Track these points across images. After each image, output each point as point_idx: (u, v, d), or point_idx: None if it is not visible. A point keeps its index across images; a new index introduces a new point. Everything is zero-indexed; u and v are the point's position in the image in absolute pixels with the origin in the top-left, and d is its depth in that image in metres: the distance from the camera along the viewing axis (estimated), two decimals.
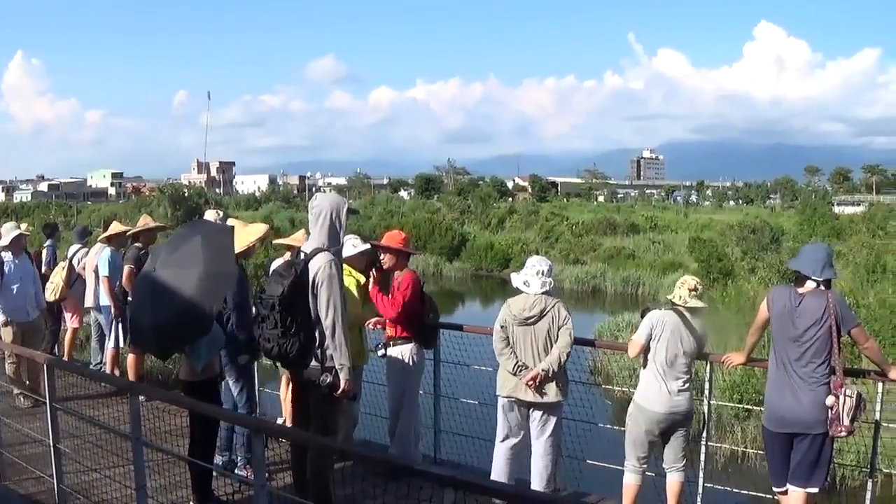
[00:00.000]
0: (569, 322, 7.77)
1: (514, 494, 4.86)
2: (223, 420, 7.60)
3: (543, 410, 7.89)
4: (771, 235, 47.89)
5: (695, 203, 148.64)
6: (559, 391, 7.81)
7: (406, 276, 8.64)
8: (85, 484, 7.63)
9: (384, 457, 7.69)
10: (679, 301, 7.60)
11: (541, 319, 7.76)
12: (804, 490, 6.84)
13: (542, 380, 7.72)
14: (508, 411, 8.01)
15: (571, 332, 7.76)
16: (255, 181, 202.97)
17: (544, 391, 7.77)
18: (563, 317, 7.76)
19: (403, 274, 8.66)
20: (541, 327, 7.76)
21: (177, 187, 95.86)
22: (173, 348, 7.19)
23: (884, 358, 7.19)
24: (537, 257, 8.18)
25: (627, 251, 52.40)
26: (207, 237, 6.86)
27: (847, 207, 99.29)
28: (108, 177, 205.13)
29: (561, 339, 7.73)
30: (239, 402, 8.47)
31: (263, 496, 5.35)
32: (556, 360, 7.67)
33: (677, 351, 7.52)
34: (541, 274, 7.85)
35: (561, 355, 7.69)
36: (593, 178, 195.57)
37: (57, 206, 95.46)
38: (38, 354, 8.43)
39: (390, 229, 9.51)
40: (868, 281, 26.29)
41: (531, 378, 7.72)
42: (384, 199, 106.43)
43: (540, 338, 7.77)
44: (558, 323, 7.75)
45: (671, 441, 7.71)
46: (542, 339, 7.76)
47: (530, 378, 7.72)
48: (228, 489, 7.77)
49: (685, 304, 7.57)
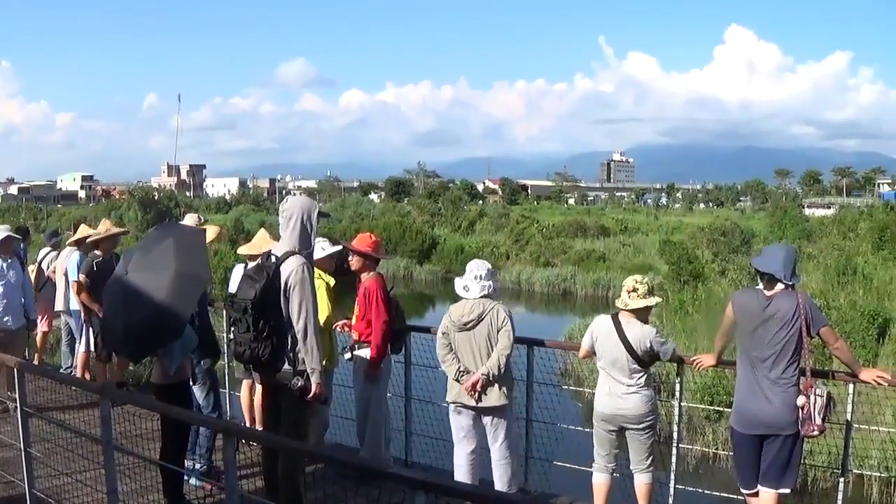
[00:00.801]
0: (507, 324, 7.78)
1: (485, 497, 4.87)
2: (193, 423, 7.57)
3: (491, 415, 7.92)
4: (741, 238, 48.15)
5: (665, 206, 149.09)
6: (502, 395, 7.83)
7: (371, 283, 8.65)
8: (56, 488, 7.62)
9: (355, 460, 7.70)
10: (620, 304, 7.63)
11: (479, 324, 7.79)
12: (776, 491, 6.85)
13: (484, 384, 7.76)
14: (457, 416, 8.07)
15: (510, 335, 7.78)
16: (226, 184, 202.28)
17: (487, 395, 7.80)
18: (501, 319, 7.77)
19: (370, 279, 8.67)
20: (480, 332, 7.80)
21: (147, 190, 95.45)
22: (146, 351, 7.19)
23: (854, 359, 7.22)
24: (476, 261, 8.21)
25: (598, 253, 52.52)
26: (179, 240, 6.87)
27: (817, 210, 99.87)
28: (78, 180, 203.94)
29: (500, 343, 7.75)
30: (206, 405, 8.47)
31: (235, 499, 5.35)
32: (496, 364, 7.70)
33: (617, 354, 7.52)
34: (479, 278, 7.89)
35: (500, 359, 7.70)
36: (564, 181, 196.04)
37: (27, 210, 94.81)
38: (9, 358, 8.39)
39: (361, 232, 9.51)
40: (838, 283, 26.40)
41: (471, 384, 7.78)
42: (354, 202, 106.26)
43: (480, 342, 7.80)
44: (497, 326, 7.77)
45: (629, 442, 7.72)
46: (483, 344, 7.79)
47: (470, 384, 7.78)
48: (199, 493, 7.76)
49: (626, 307, 7.60)
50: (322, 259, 8.42)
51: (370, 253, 8.74)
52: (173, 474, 7.11)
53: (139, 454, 7.53)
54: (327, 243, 8.76)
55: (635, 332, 7.51)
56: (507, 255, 53.88)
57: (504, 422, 7.94)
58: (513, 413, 8.13)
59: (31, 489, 7.26)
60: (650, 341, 7.47)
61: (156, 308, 6.50)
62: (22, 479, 7.34)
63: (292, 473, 6.75)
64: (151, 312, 6.52)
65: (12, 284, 11.05)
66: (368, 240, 8.84)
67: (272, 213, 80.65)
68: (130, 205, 79.17)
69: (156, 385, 7.34)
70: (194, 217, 10.30)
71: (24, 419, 7.21)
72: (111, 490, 6.38)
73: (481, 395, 7.78)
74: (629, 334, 7.49)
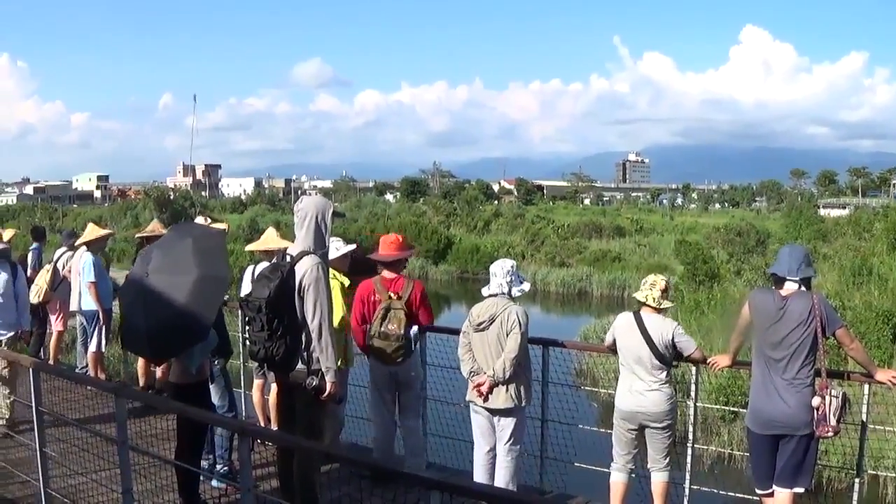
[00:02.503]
0: (517, 327, 7.69)
1: (499, 497, 4.86)
2: (209, 423, 7.56)
3: (500, 416, 7.88)
4: (756, 238, 48.04)
5: (680, 206, 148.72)
6: (509, 397, 7.76)
7: (416, 286, 8.71)
8: (71, 488, 7.62)
9: (371, 460, 7.69)
10: (653, 303, 7.63)
11: (491, 325, 7.77)
12: (791, 491, 6.84)
13: (491, 386, 7.74)
14: (475, 416, 8.06)
15: (518, 338, 7.68)
16: (241, 184, 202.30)
17: (494, 397, 7.78)
18: (511, 322, 7.70)
19: (413, 284, 8.71)
20: (491, 333, 7.77)
21: (162, 190, 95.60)
22: (171, 353, 7.18)
23: (869, 359, 7.20)
24: (499, 261, 8.18)
25: (613, 254, 52.64)
26: (199, 241, 6.85)
27: (833, 210, 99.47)
28: (93, 180, 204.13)
29: (507, 345, 7.68)
30: (222, 405, 8.48)
31: (249, 499, 5.34)
32: (501, 368, 7.64)
33: (639, 350, 7.56)
34: (495, 276, 7.88)
35: (506, 362, 7.63)
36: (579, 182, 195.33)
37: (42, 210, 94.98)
38: (24, 358, 8.39)
39: (376, 233, 9.51)
40: (854, 283, 26.30)
41: (477, 385, 7.79)
42: (370, 203, 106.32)
43: (492, 344, 7.77)
44: (507, 328, 7.71)
45: (648, 440, 7.73)
46: (494, 345, 7.75)
47: (476, 386, 7.80)
48: (215, 493, 7.76)
49: (659, 306, 7.62)
50: (336, 259, 8.41)
51: (405, 254, 8.81)
52: (189, 474, 7.11)
53: (155, 454, 7.53)
54: (341, 243, 8.74)
55: (657, 327, 7.55)
56: (523, 255, 53.76)
57: (511, 424, 7.88)
58: (524, 415, 8.08)
59: (45, 488, 7.27)
60: (672, 334, 7.51)
61: (180, 311, 6.50)
62: (37, 479, 7.35)
63: (308, 473, 6.75)
64: (175, 315, 6.52)
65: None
66: (395, 240, 8.85)
67: (287, 213, 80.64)
68: (146, 205, 79.38)
69: (176, 385, 7.35)
70: (202, 220, 10.32)
71: (38, 419, 7.21)
72: (126, 490, 6.39)
73: (488, 397, 7.77)
74: (651, 329, 7.52)
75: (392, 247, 8.72)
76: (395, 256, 8.68)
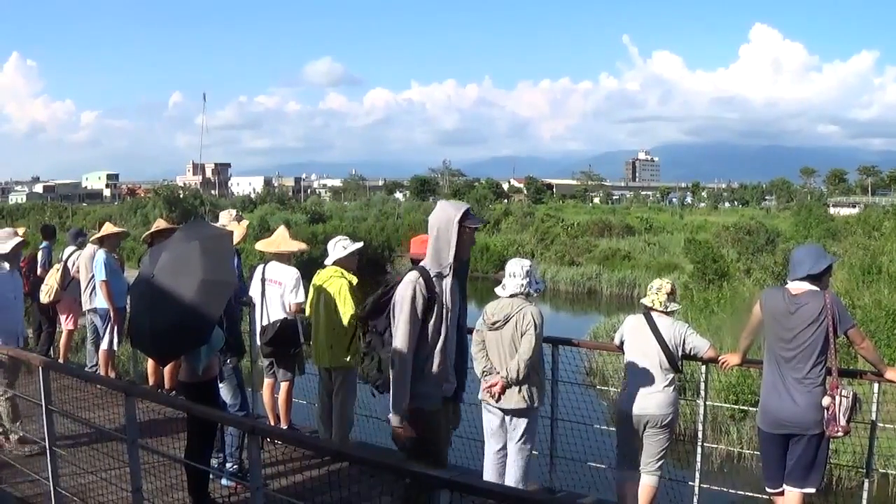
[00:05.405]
0: (531, 329, 7.54)
1: (508, 495, 4.85)
2: (219, 422, 7.56)
3: (512, 416, 7.81)
4: (766, 237, 47.97)
5: (690, 205, 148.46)
6: (521, 398, 7.66)
7: None
8: (81, 486, 7.64)
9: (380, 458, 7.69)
10: (660, 307, 7.66)
11: (506, 325, 7.67)
12: (801, 490, 6.83)
13: (504, 386, 7.65)
14: (486, 414, 8.00)
15: (532, 339, 7.53)
16: (251, 183, 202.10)
17: (506, 397, 7.70)
18: (526, 323, 7.56)
19: None
20: (506, 333, 7.66)
21: (172, 189, 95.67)
22: (172, 354, 7.17)
23: (880, 358, 7.20)
24: (514, 259, 8.08)
25: (623, 252, 52.58)
26: (205, 243, 6.80)
27: (842, 209, 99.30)
28: (103, 178, 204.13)
29: (521, 347, 7.56)
30: (233, 404, 8.46)
31: (259, 498, 5.34)
32: (515, 369, 7.53)
33: (649, 352, 7.58)
34: (513, 276, 7.77)
35: (520, 363, 7.51)
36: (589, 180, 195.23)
37: (52, 208, 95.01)
38: (34, 357, 8.40)
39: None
40: (864, 282, 26.23)
41: (488, 386, 7.72)
42: (380, 201, 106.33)
43: (506, 344, 7.66)
44: (521, 329, 7.59)
45: (645, 442, 7.72)
46: (508, 345, 7.65)
47: (487, 386, 7.74)
48: (224, 491, 7.77)
49: (666, 310, 7.64)
50: (344, 257, 8.40)
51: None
52: (199, 472, 7.11)
53: (164, 452, 7.54)
54: (348, 241, 8.72)
55: (668, 328, 7.58)
56: (532, 253, 53.67)
57: (524, 424, 7.79)
58: (537, 415, 8.01)
59: (55, 487, 7.27)
60: (683, 335, 7.53)
61: (181, 313, 6.45)
62: (47, 477, 7.35)
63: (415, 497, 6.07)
64: (177, 317, 6.48)
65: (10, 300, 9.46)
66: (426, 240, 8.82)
67: (297, 212, 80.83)
68: (156, 203, 79.37)
69: (184, 383, 7.35)
70: (230, 213, 10.21)
71: (48, 417, 7.22)
72: (136, 488, 6.40)
73: (500, 397, 7.71)
74: (663, 330, 7.54)
75: (424, 246, 8.70)
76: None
